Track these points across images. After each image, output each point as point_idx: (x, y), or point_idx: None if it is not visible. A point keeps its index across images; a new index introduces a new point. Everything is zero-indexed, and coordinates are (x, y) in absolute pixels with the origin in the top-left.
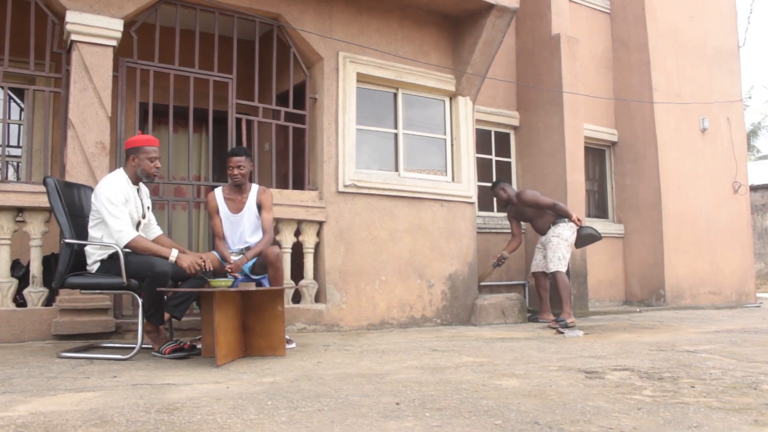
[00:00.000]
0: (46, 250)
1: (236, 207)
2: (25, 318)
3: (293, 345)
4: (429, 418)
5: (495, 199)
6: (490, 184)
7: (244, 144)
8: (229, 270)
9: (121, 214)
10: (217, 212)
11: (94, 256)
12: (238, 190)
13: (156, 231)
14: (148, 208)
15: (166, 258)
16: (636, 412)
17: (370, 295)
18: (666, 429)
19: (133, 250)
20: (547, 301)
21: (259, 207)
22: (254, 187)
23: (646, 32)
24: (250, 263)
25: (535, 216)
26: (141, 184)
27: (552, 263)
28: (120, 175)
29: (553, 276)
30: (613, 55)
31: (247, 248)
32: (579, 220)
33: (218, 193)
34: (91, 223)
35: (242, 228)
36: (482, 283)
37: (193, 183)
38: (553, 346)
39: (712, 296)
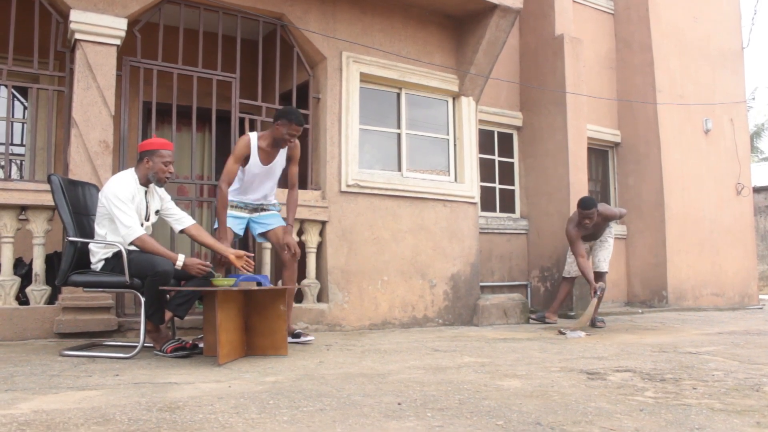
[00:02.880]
0: (49, 249)
1: (268, 159)
2: (27, 316)
3: (311, 338)
4: (431, 418)
5: (586, 220)
6: (493, 185)
7: None
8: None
9: (129, 210)
10: (243, 158)
11: (99, 254)
12: (276, 146)
13: (187, 221)
14: (157, 211)
15: (173, 261)
16: (638, 413)
17: (373, 295)
18: (668, 430)
19: (140, 248)
20: (561, 304)
21: (289, 160)
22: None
23: (650, 33)
24: (270, 228)
25: (599, 228)
26: (154, 188)
27: (606, 263)
28: (129, 175)
29: (602, 276)
30: (616, 56)
31: (261, 207)
32: None
33: (254, 139)
34: (96, 221)
35: (266, 179)
36: (482, 284)
37: (197, 182)
38: (554, 347)
39: (715, 298)
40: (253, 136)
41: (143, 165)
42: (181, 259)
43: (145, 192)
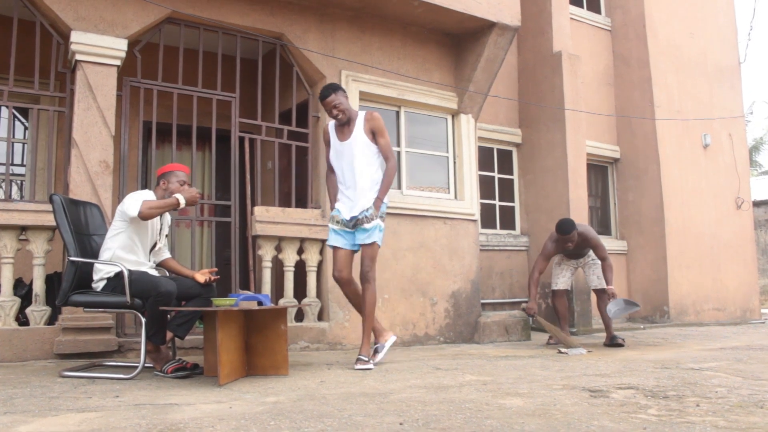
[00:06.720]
0: (49, 269)
1: (344, 135)
2: (27, 337)
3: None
4: None
5: (568, 243)
6: (493, 202)
7: (247, 164)
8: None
9: (137, 204)
10: (329, 143)
11: (102, 272)
12: (346, 124)
13: (165, 255)
14: (167, 235)
15: (176, 204)
16: (641, 431)
17: None
18: None
19: (146, 215)
20: (566, 320)
21: (373, 134)
22: (360, 114)
23: (647, 49)
24: (359, 215)
25: (581, 247)
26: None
27: (602, 280)
28: (149, 193)
29: (604, 292)
30: (614, 72)
31: (354, 219)
32: None
33: (331, 124)
34: (110, 233)
35: (351, 156)
36: (483, 301)
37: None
38: (556, 364)
39: (717, 313)
40: (331, 122)
41: (159, 187)
42: (182, 200)
43: (160, 215)
